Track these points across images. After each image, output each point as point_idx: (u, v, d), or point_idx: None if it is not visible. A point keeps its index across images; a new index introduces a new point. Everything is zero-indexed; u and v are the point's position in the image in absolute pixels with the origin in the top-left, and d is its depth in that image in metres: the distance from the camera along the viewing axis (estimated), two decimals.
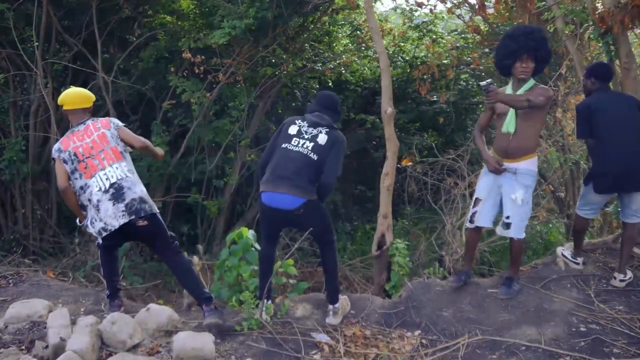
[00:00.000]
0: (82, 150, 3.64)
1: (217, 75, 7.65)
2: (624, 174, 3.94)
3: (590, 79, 4.24)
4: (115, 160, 3.63)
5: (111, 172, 3.60)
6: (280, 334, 3.58)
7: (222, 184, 8.69)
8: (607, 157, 4.02)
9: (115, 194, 3.54)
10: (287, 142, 3.73)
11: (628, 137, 3.96)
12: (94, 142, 3.66)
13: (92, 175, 3.60)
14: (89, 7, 7.34)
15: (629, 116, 4.04)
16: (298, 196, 3.56)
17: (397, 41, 9.73)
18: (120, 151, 3.67)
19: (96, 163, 3.61)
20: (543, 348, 3.41)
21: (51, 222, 7.83)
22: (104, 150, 3.64)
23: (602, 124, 4.01)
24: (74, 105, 3.80)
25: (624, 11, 4.46)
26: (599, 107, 4.04)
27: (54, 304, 3.92)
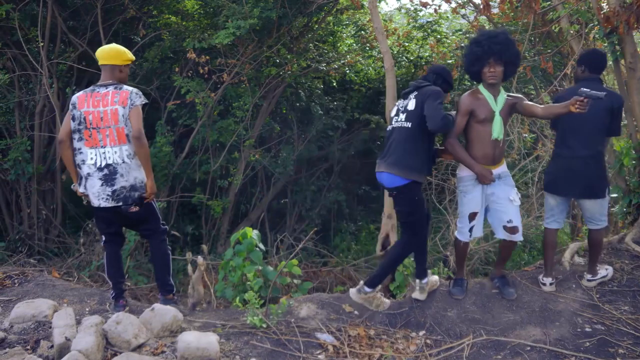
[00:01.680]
0: (91, 118, 3.61)
1: (221, 75, 7.66)
2: (566, 179, 3.94)
3: (580, 67, 4.10)
4: (118, 142, 3.61)
5: (110, 153, 3.60)
6: (285, 334, 3.58)
7: (227, 184, 8.70)
8: (556, 156, 4.04)
9: (107, 176, 3.60)
10: (390, 125, 4.00)
11: (580, 140, 3.88)
12: (105, 115, 3.60)
13: (92, 147, 3.62)
14: (94, 7, 7.36)
15: (592, 118, 3.79)
16: (397, 175, 3.73)
17: (402, 41, 9.71)
18: (126, 133, 3.62)
19: (99, 138, 3.61)
20: (548, 348, 3.40)
21: (56, 222, 7.85)
22: (110, 127, 3.60)
23: (563, 121, 3.96)
24: (102, 60, 3.75)
25: (630, 11, 4.44)
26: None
27: (59, 303, 3.93)
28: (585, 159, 3.86)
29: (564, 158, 3.95)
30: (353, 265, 7.40)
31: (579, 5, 5.14)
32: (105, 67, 3.75)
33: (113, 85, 3.70)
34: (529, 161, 6.46)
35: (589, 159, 3.86)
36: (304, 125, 9.58)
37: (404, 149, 3.74)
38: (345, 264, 7.48)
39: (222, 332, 3.60)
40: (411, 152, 3.72)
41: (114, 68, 3.75)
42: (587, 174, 3.87)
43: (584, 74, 4.03)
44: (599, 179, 3.90)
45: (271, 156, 9.16)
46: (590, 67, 4.01)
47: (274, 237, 8.39)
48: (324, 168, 10.35)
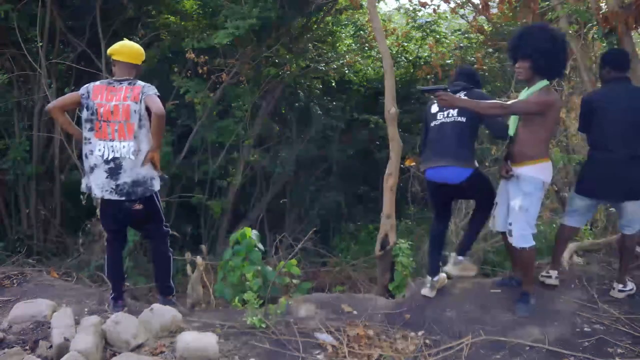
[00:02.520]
0: (102, 111, 3.64)
1: (220, 75, 7.65)
2: (607, 183, 3.78)
3: (605, 68, 3.95)
4: (127, 137, 3.62)
5: (118, 147, 3.63)
6: (284, 334, 3.58)
7: (226, 184, 8.70)
8: (593, 159, 3.90)
9: (113, 169, 3.62)
10: (434, 120, 4.00)
11: (621, 141, 3.72)
12: (116, 109, 3.63)
13: (101, 139, 3.65)
14: (93, 7, 7.35)
15: (632, 115, 3.73)
16: (463, 167, 3.79)
17: (401, 41, 9.71)
18: (135, 129, 3.62)
19: (108, 131, 3.64)
20: (547, 348, 3.41)
21: (55, 223, 7.84)
22: (120, 122, 3.62)
23: (599, 123, 3.81)
24: (123, 56, 3.78)
25: (628, 11, 4.44)
26: (602, 103, 3.82)
27: (58, 304, 3.92)
28: (627, 160, 3.71)
29: (603, 161, 3.79)
30: (352, 265, 7.40)
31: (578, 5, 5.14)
32: (123, 64, 3.78)
33: (127, 81, 3.74)
34: None
35: (631, 160, 3.71)
36: (303, 125, 9.58)
37: (463, 141, 3.87)
38: (345, 264, 7.48)
39: (221, 332, 3.60)
40: (469, 144, 3.92)
41: (132, 66, 3.82)
42: (630, 176, 3.72)
43: (610, 75, 3.90)
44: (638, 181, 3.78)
45: (270, 156, 9.15)
46: (614, 66, 3.88)
47: (273, 237, 8.37)
48: (323, 168, 10.34)
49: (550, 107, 3.60)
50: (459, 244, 4.35)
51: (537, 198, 3.71)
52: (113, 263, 3.97)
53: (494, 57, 8.49)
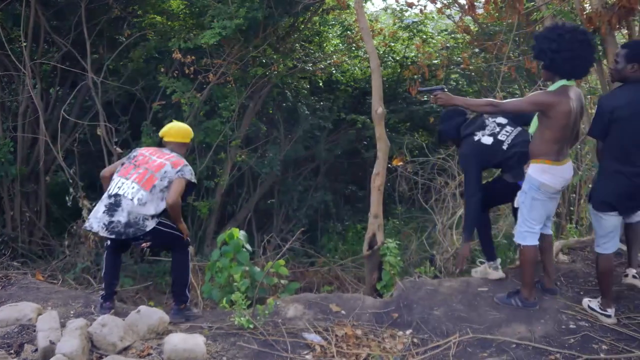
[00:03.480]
0: (140, 159, 3.82)
1: (207, 75, 7.63)
2: (632, 198, 3.45)
3: (631, 64, 3.35)
4: (142, 183, 3.68)
5: (127, 185, 3.67)
6: (272, 335, 3.58)
7: (213, 184, 8.67)
8: (615, 173, 3.42)
9: (111, 204, 3.64)
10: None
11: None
12: (152, 162, 3.78)
13: (119, 176, 3.76)
14: (78, 7, 7.28)
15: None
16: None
17: (388, 41, 9.75)
18: (154, 184, 3.68)
19: (131, 171, 3.74)
20: (533, 346, 3.43)
21: (40, 225, 7.77)
22: (147, 170, 3.72)
23: (622, 131, 3.34)
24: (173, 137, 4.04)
25: (611, 12, 4.49)
26: (627, 109, 3.31)
27: (43, 306, 3.89)
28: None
29: (627, 176, 3.37)
30: (340, 265, 7.41)
31: (562, 6, 5.19)
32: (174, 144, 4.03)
33: (177, 153, 3.95)
34: None
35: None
36: (291, 125, 9.58)
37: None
38: (333, 264, 7.49)
39: (208, 334, 3.59)
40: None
41: (182, 145, 4.07)
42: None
43: (636, 73, 3.34)
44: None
45: (258, 156, 9.14)
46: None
47: (260, 237, 8.38)
48: (310, 168, 10.35)
49: (550, 107, 3.45)
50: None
51: (531, 198, 3.66)
52: (111, 264, 3.97)
53: (480, 57, 8.55)
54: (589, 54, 3.48)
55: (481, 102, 3.74)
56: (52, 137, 7.18)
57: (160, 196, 3.72)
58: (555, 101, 3.44)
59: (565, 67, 3.48)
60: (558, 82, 3.52)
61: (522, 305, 3.88)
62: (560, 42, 3.43)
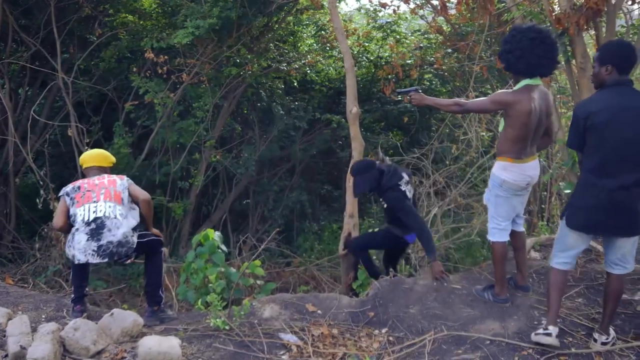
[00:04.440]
0: (86, 186, 3.76)
1: (180, 75, 7.57)
2: (607, 214, 3.11)
3: (605, 66, 3.09)
4: (113, 199, 3.68)
5: (101, 206, 3.64)
6: (248, 336, 3.57)
7: (187, 185, 8.61)
8: (590, 186, 3.15)
9: (94, 230, 3.60)
10: None
11: (626, 166, 3.04)
12: (102, 182, 3.77)
13: (82, 205, 3.67)
14: (47, 5, 7.15)
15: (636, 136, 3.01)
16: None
17: (362, 41, 9.80)
18: (122, 197, 3.72)
19: (92, 195, 3.69)
20: (507, 342, 3.49)
21: (10, 227, 7.61)
22: (106, 188, 3.72)
23: (598, 141, 3.07)
24: (89, 162, 3.99)
25: (579, 13, 4.60)
26: (602, 117, 3.02)
27: (14, 311, 3.81)
28: (632, 189, 3.04)
29: (603, 190, 3.06)
30: (316, 265, 7.42)
31: (532, 7, 5.29)
32: (93, 168, 3.97)
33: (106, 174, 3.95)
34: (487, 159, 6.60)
35: (634, 189, 3.04)
36: (266, 125, 9.56)
37: None
38: (309, 264, 7.50)
39: (184, 336, 3.56)
40: None
41: (102, 169, 3.99)
42: (633, 207, 3.06)
43: (611, 76, 3.08)
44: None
45: (232, 157, 9.10)
46: (619, 65, 3.06)
47: (236, 238, 8.33)
48: (286, 168, 10.34)
49: (510, 106, 3.49)
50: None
51: (495, 195, 3.73)
52: (79, 268, 3.89)
53: (452, 57, 8.65)
54: (544, 52, 3.48)
55: (449, 102, 3.89)
56: (21, 138, 7.04)
57: (130, 206, 3.81)
58: (516, 100, 3.48)
59: (519, 66, 3.53)
60: (522, 82, 3.57)
61: (493, 300, 3.96)
62: (512, 43, 3.52)
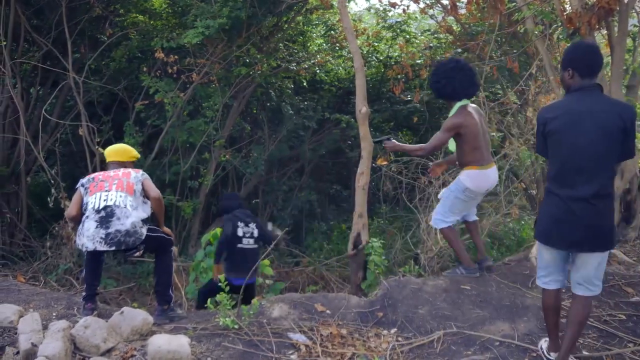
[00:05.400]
0: (101, 177, 3.82)
1: (190, 75, 7.59)
2: (567, 227, 2.89)
3: (567, 69, 2.93)
4: (124, 189, 3.72)
5: (112, 195, 3.68)
6: (257, 335, 3.57)
7: (197, 184, 8.63)
8: (551, 196, 2.97)
9: (103, 218, 3.62)
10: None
11: (585, 175, 2.82)
12: (117, 174, 3.82)
13: (94, 193, 3.72)
14: (59, 5, 7.20)
15: (601, 142, 2.79)
16: None
17: (371, 41, 9.78)
18: (134, 189, 3.76)
19: (105, 185, 3.73)
20: (516, 343, 3.47)
21: (21, 226, 7.67)
22: (120, 180, 3.75)
23: (557, 148, 2.91)
24: (110, 157, 4.06)
25: (591, 12, 4.55)
26: (561, 123, 2.86)
27: (25, 309, 3.84)
28: (592, 199, 2.80)
29: (562, 200, 2.87)
30: (325, 265, 7.43)
31: (543, 6, 5.25)
32: (111, 163, 4.04)
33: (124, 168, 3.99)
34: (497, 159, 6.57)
35: (596, 200, 2.81)
36: (275, 125, 9.57)
37: None
38: (317, 264, 7.50)
39: (193, 335, 3.57)
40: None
41: (119, 164, 4.04)
42: (594, 219, 2.82)
43: (573, 81, 2.92)
44: (608, 226, 2.87)
45: (242, 156, 9.12)
46: (581, 69, 2.89)
47: None
48: (295, 168, 10.35)
49: (461, 126, 4.10)
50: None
51: (454, 197, 4.29)
52: (92, 267, 3.92)
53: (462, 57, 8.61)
54: (465, 77, 4.15)
55: (415, 148, 4.45)
56: (33, 137, 7.09)
57: (141, 199, 3.82)
58: (463, 120, 4.10)
59: (447, 92, 4.21)
60: (456, 105, 4.20)
61: (465, 272, 4.43)
62: (437, 74, 4.25)
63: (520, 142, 6.76)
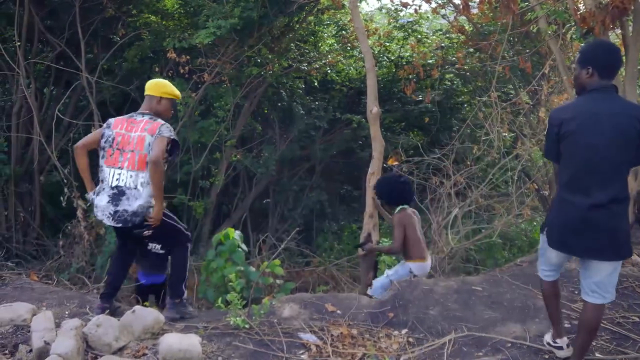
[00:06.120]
0: (120, 140, 3.73)
1: (202, 75, 7.62)
2: (580, 234, 2.80)
3: (586, 67, 2.80)
4: (136, 168, 3.68)
5: (124, 176, 3.68)
6: (268, 335, 3.58)
7: (208, 184, 8.66)
8: (563, 202, 2.86)
9: (115, 195, 3.66)
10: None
11: (599, 181, 2.72)
12: (132, 140, 3.71)
13: (110, 166, 3.73)
14: (72, 6, 7.26)
15: (616, 147, 2.69)
16: None
17: (383, 41, 9.76)
18: (147, 161, 3.68)
19: (120, 159, 3.71)
20: (528, 345, 3.44)
21: (35, 225, 7.74)
22: (133, 152, 3.70)
23: (571, 153, 2.80)
24: (145, 90, 3.94)
25: (605, 12, 4.51)
26: (576, 125, 2.74)
27: (38, 307, 3.87)
28: (609, 204, 2.71)
29: (577, 209, 2.77)
30: (335, 265, 7.42)
31: (556, 6, 5.21)
32: (145, 97, 3.93)
33: (149, 115, 3.83)
34: (509, 160, 6.54)
35: (613, 205, 2.72)
36: (286, 125, 9.58)
37: None
38: (328, 264, 7.50)
39: (204, 334, 3.58)
40: None
41: (152, 98, 3.90)
42: (609, 227, 2.73)
43: (591, 79, 2.79)
44: (624, 233, 2.77)
45: (253, 156, 9.14)
46: (601, 68, 2.76)
47: (256, 237, 8.37)
48: (306, 168, 10.36)
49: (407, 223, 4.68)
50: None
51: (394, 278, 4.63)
52: (117, 265, 3.99)
53: (474, 57, 8.58)
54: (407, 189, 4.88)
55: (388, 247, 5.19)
56: (46, 136, 7.15)
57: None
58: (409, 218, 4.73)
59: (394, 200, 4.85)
60: (399, 207, 4.78)
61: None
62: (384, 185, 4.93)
63: (532, 143, 6.72)
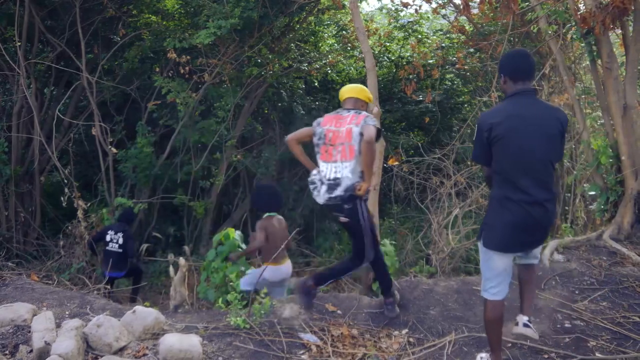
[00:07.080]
0: (331, 136, 3.95)
1: (202, 75, 7.62)
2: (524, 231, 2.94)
3: (501, 77, 3.05)
4: (348, 158, 3.87)
5: (340, 167, 3.90)
6: (268, 335, 3.57)
7: (209, 184, 8.66)
8: (504, 202, 2.94)
9: (332, 184, 3.91)
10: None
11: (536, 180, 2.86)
12: (341, 134, 3.91)
13: (326, 161, 3.96)
14: (73, 6, 7.27)
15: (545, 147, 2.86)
16: None
17: (383, 41, 9.76)
18: (355, 149, 3.87)
19: (333, 153, 3.93)
20: (529, 345, 3.44)
21: (35, 225, 7.74)
22: (343, 144, 3.89)
23: (505, 155, 2.89)
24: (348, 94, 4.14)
25: (605, 12, 4.51)
26: (504, 127, 2.86)
27: (38, 307, 3.87)
28: (546, 203, 2.88)
29: (520, 205, 2.87)
30: None
31: (557, 6, 5.21)
32: (350, 100, 4.12)
33: (355, 110, 4.02)
34: None
35: (549, 203, 2.90)
36: (286, 125, 9.58)
37: None
38: (328, 264, 7.49)
39: (204, 334, 3.58)
40: None
41: (357, 101, 4.11)
42: (546, 220, 2.94)
43: (507, 86, 2.99)
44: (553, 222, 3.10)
45: (253, 156, 9.14)
46: (513, 75, 2.96)
47: None
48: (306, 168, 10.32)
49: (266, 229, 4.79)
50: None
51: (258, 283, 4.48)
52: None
53: (475, 57, 8.57)
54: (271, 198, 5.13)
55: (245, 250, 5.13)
56: (46, 137, 7.16)
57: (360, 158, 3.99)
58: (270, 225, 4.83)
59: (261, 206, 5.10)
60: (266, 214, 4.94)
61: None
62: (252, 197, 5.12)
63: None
